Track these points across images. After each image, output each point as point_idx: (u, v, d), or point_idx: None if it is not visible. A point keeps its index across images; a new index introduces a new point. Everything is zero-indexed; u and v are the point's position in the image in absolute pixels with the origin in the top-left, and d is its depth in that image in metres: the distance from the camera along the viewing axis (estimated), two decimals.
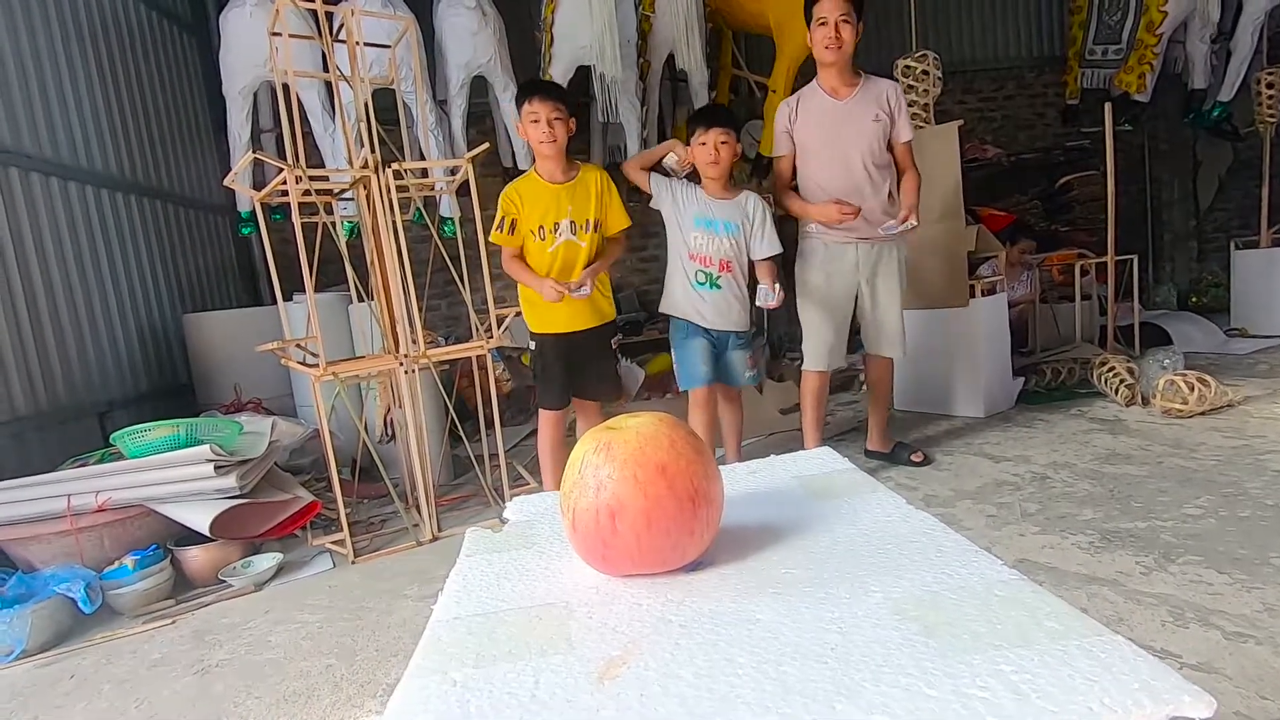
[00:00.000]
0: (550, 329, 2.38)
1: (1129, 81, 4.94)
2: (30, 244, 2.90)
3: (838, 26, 2.34)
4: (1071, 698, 0.39)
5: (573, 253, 2.34)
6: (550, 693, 0.45)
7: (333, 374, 2.36)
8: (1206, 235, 6.27)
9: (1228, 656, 1.30)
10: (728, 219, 2.43)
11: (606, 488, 0.58)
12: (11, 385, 2.69)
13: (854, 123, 2.43)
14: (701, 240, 2.43)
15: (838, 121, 2.44)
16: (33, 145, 3.01)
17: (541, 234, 2.31)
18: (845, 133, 2.43)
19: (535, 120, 2.23)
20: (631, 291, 5.56)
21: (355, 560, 2.32)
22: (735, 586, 0.58)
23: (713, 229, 2.42)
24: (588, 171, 2.38)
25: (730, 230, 2.42)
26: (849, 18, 2.34)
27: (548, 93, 2.27)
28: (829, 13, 2.34)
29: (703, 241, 2.43)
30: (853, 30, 2.36)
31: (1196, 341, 4.13)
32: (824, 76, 2.49)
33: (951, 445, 2.86)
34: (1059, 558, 1.78)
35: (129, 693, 1.66)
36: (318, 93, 3.81)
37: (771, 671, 0.45)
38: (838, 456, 0.89)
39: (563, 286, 2.24)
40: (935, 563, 0.57)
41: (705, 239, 2.42)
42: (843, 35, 2.34)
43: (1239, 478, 2.13)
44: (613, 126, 4.44)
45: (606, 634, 0.52)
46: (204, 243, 4.38)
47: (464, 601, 0.60)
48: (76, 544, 2.14)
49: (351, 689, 1.57)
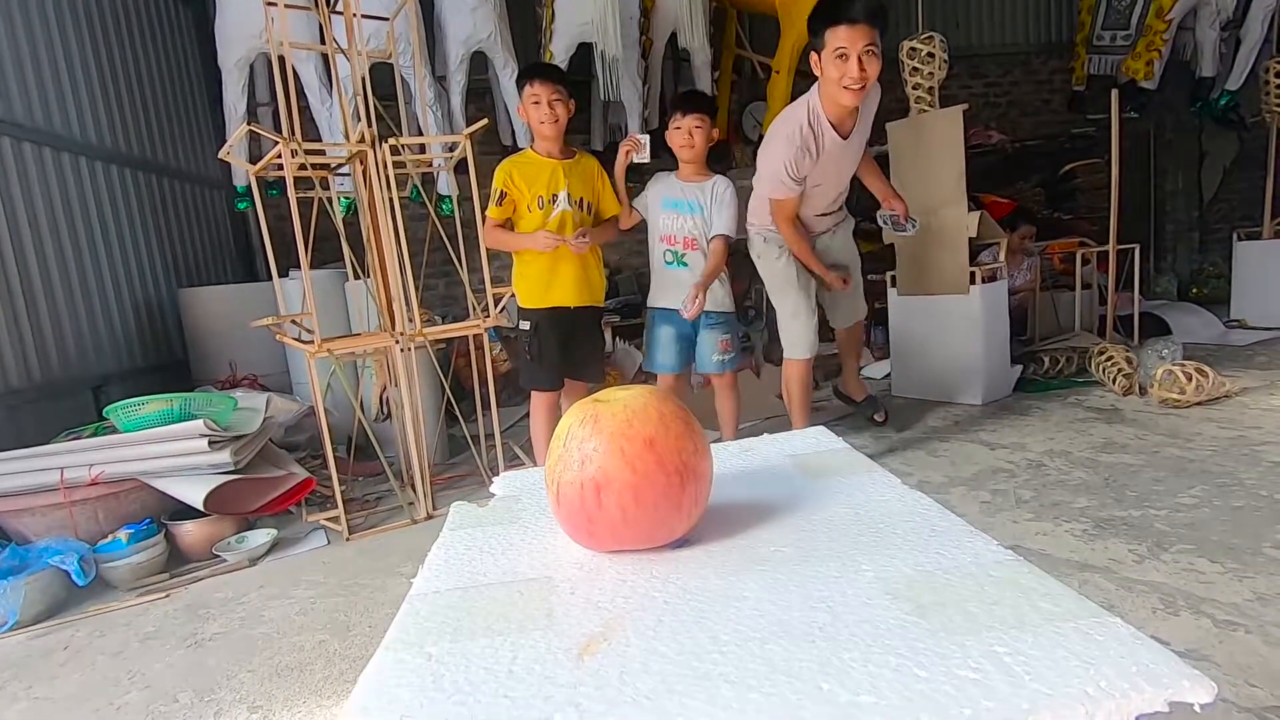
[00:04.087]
0: (546, 303, 2.37)
1: (1137, 68, 4.88)
2: (23, 216, 2.87)
3: (862, 61, 1.96)
4: (1067, 681, 0.38)
5: (570, 222, 2.36)
6: (528, 668, 0.44)
7: (328, 351, 2.34)
8: (1209, 226, 6.23)
9: (1218, 644, 1.29)
10: (693, 199, 2.44)
11: (592, 461, 0.56)
12: (5, 358, 2.67)
13: (848, 158, 2.39)
14: (669, 220, 2.45)
15: (840, 158, 2.35)
16: (25, 115, 2.97)
17: (540, 204, 2.32)
18: (844, 165, 2.40)
19: (536, 102, 2.27)
20: (631, 274, 5.53)
21: (350, 537, 2.32)
22: (722, 564, 0.57)
23: (678, 209, 2.44)
24: (585, 157, 2.45)
25: (694, 210, 2.43)
26: (875, 48, 1.97)
27: (547, 74, 2.30)
28: (851, 44, 1.95)
29: (669, 221, 2.45)
30: (878, 63, 1.99)
31: (1196, 332, 4.12)
32: (831, 110, 2.16)
33: (948, 432, 2.85)
34: (1052, 544, 1.77)
35: (122, 664, 1.67)
36: (315, 66, 3.75)
37: (756, 650, 0.44)
38: (832, 436, 0.88)
39: (557, 237, 2.26)
40: (929, 543, 0.56)
41: (671, 219, 2.45)
42: (868, 71, 1.97)
43: (1234, 468, 2.13)
44: (614, 105, 4.38)
45: (589, 610, 0.51)
46: (199, 217, 4.34)
47: (444, 575, 0.59)
48: (70, 517, 2.14)
49: (344, 664, 1.57)
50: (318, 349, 2.31)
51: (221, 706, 1.46)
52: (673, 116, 2.43)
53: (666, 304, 2.47)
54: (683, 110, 2.40)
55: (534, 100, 2.27)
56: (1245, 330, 4.24)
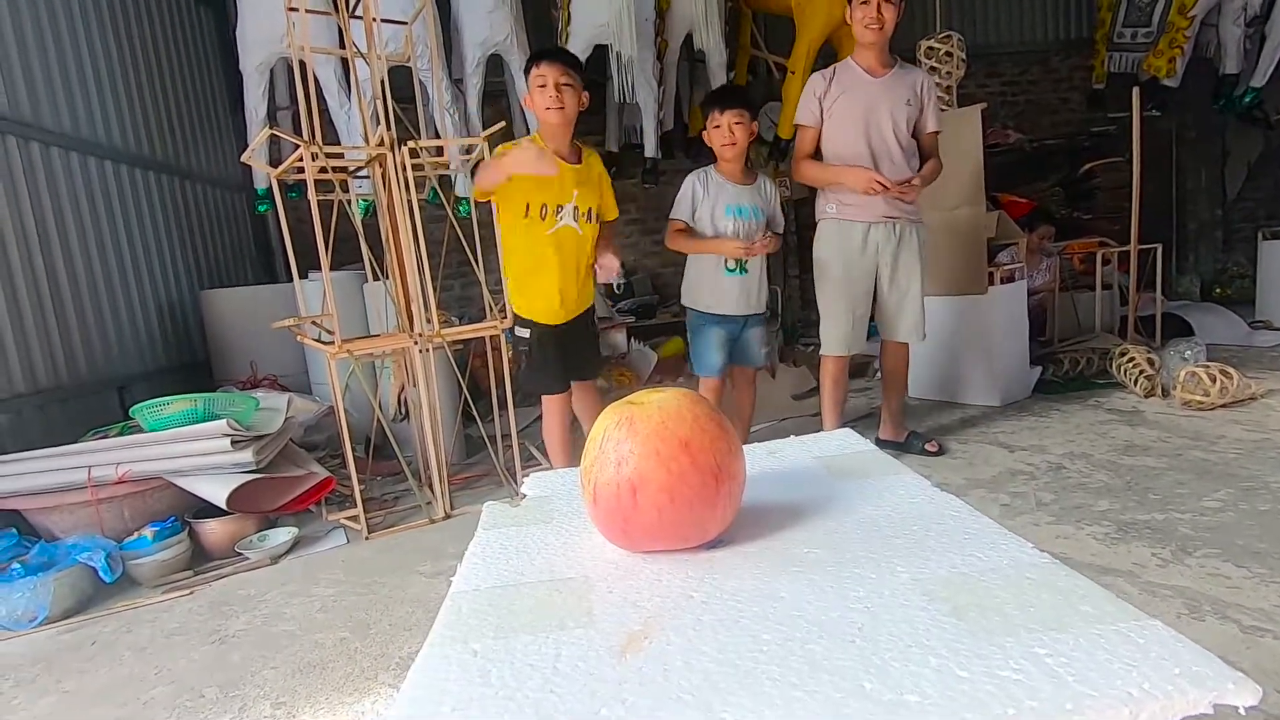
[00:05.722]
0: (551, 321, 2.24)
1: (1158, 66, 4.82)
2: (50, 219, 2.92)
3: (880, 6, 2.31)
4: (1110, 682, 0.38)
5: (570, 239, 2.18)
6: (572, 665, 0.45)
7: (347, 352, 2.37)
8: (1233, 225, 6.14)
9: (1244, 650, 1.28)
10: (754, 204, 2.46)
11: (628, 462, 0.57)
12: (35, 359, 2.73)
13: (889, 101, 2.40)
14: (734, 227, 2.43)
15: (873, 98, 2.40)
16: (51, 120, 3.02)
17: (543, 214, 2.13)
18: (880, 110, 2.40)
19: (542, 85, 2.04)
20: (645, 274, 5.53)
21: (369, 536, 2.35)
22: (757, 564, 0.57)
23: (742, 215, 2.44)
24: (591, 156, 2.27)
25: (756, 214, 2.45)
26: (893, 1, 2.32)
27: (555, 56, 2.08)
28: None
29: (735, 228, 2.43)
30: (895, 10, 2.34)
31: (1219, 333, 4.05)
32: (861, 56, 2.45)
33: (966, 434, 2.84)
34: (1073, 548, 1.76)
35: (149, 659, 1.70)
36: (334, 70, 3.79)
37: (797, 649, 0.44)
38: (859, 438, 0.88)
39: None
40: (963, 545, 0.56)
41: (736, 224, 2.43)
42: (885, 15, 2.32)
43: (1260, 471, 2.10)
44: (629, 107, 4.39)
45: (627, 609, 0.52)
46: (221, 220, 4.40)
47: (483, 573, 0.60)
48: (97, 514, 2.17)
49: (365, 661, 1.59)
50: (338, 350, 2.33)
51: (246, 702, 1.48)
52: (709, 115, 2.40)
53: (723, 310, 2.47)
54: (720, 107, 2.36)
55: (540, 83, 2.04)
56: (1270, 331, 4.17)
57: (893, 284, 2.51)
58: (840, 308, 2.51)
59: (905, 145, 2.44)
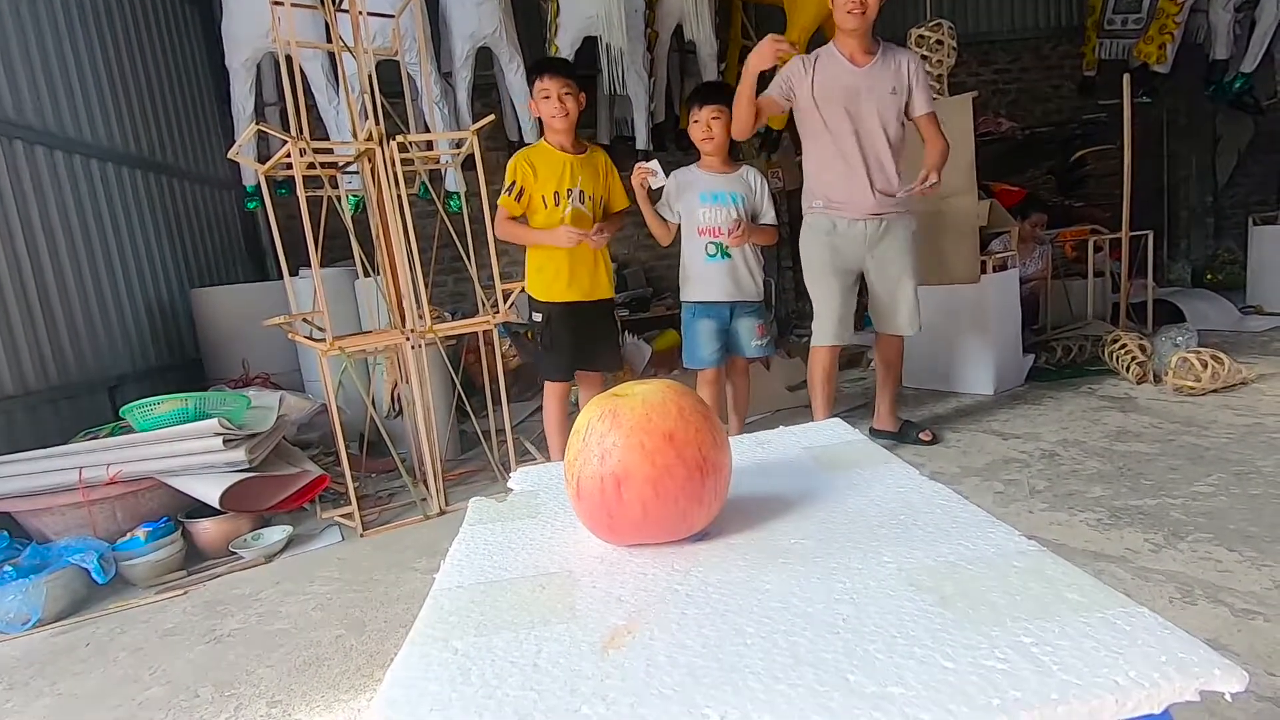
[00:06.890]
0: (560, 298, 2.39)
1: (1149, 52, 4.81)
2: (37, 218, 2.90)
3: None
4: (1096, 670, 0.38)
5: (582, 220, 2.37)
6: (553, 661, 0.44)
7: (339, 349, 2.35)
8: (1224, 211, 6.15)
9: (1236, 633, 1.29)
10: (732, 190, 2.45)
11: (612, 455, 0.56)
12: (23, 359, 2.70)
13: (872, 93, 2.37)
14: (709, 213, 2.44)
15: (855, 90, 2.37)
16: (36, 118, 2.99)
17: (556, 200, 2.34)
18: (862, 103, 2.37)
19: (547, 96, 2.29)
20: (639, 268, 5.52)
21: (364, 533, 2.34)
22: (743, 556, 0.57)
23: (718, 201, 2.44)
24: (595, 151, 2.47)
25: (736, 200, 2.44)
26: None
27: (558, 69, 2.32)
28: None
29: (709, 214, 2.44)
30: None
31: (1211, 319, 4.07)
32: (843, 43, 2.41)
33: (960, 422, 2.84)
34: (1067, 534, 1.76)
35: (144, 660, 1.69)
36: (321, 64, 3.75)
37: (781, 642, 0.44)
38: (849, 428, 0.87)
39: (580, 233, 2.26)
40: (950, 534, 0.56)
41: (712, 211, 2.44)
42: (867, 1, 2.29)
43: (1251, 456, 2.11)
44: (619, 99, 4.36)
45: (611, 603, 0.51)
46: (210, 217, 4.36)
47: (466, 570, 0.59)
48: (89, 515, 2.16)
49: (361, 659, 1.58)
50: (329, 347, 2.32)
51: (241, 701, 1.47)
52: (690, 110, 2.46)
53: (708, 297, 2.47)
54: (700, 103, 2.41)
55: (544, 95, 2.29)
56: (1261, 316, 4.19)
57: (883, 277, 2.51)
58: (830, 298, 2.51)
59: (893, 138, 2.41)
